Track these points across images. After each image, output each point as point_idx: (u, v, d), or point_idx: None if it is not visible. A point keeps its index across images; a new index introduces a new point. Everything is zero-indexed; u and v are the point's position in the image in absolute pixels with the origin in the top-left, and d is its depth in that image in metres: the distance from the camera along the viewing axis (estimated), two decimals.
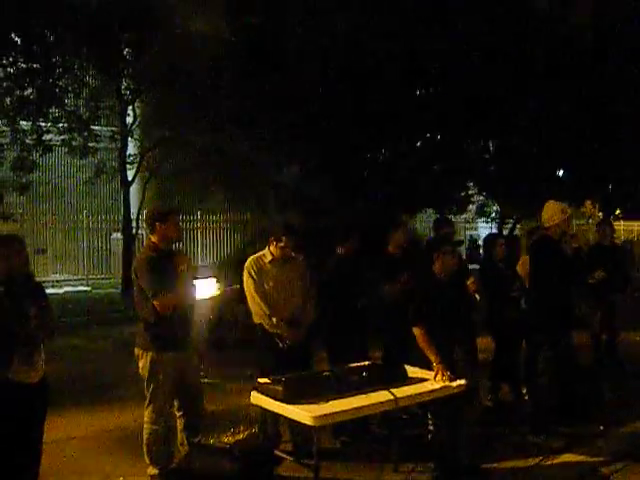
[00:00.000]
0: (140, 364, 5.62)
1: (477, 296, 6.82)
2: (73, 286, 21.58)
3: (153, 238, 5.73)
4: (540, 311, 6.94)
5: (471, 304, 6.72)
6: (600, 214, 25.99)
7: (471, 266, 8.75)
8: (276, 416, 5.41)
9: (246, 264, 6.33)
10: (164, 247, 5.70)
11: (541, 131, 19.76)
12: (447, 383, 5.39)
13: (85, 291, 20.97)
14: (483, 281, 7.71)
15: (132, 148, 19.92)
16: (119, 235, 21.29)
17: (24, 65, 15.88)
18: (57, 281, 21.94)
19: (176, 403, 5.69)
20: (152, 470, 5.55)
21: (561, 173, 24.39)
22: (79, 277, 22.73)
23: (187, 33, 17.87)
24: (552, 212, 7.00)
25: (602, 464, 6.08)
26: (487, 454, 6.10)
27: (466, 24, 17.17)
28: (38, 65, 15.80)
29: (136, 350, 5.65)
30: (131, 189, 19.84)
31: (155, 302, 5.44)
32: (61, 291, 20.38)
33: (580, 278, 7.51)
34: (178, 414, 5.70)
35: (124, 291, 19.26)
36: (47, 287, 20.03)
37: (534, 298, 7.16)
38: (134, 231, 19.97)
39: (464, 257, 8.85)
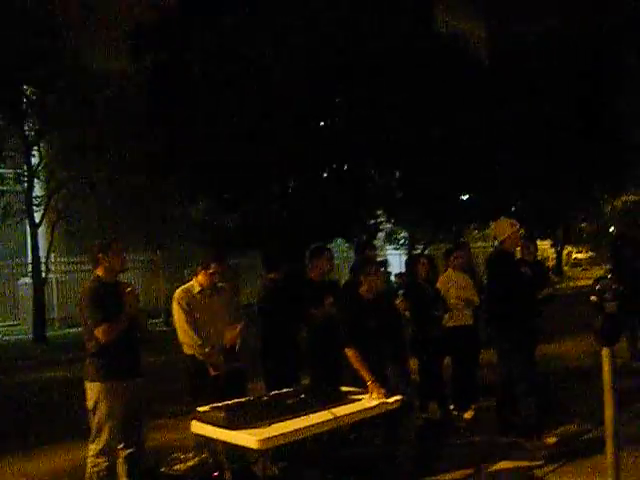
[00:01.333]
0: (87, 396, 5.56)
1: (407, 314, 6.97)
2: None
3: (97, 271, 5.72)
4: (501, 323, 7.10)
5: (401, 322, 6.86)
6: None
7: None
8: (215, 445, 5.39)
9: (175, 295, 6.33)
10: (109, 279, 5.71)
11: (445, 158, 20.34)
12: (383, 400, 5.49)
13: None
14: (407, 301, 7.90)
15: (38, 190, 19.53)
16: (28, 280, 20.77)
17: None
18: None
19: (119, 435, 5.62)
20: None
21: (466, 197, 25.08)
22: None
23: (91, 72, 17.81)
24: (502, 227, 7.27)
25: (538, 467, 6.29)
26: (426, 468, 6.20)
27: (370, 51, 17.59)
28: None
29: (85, 383, 5.59)
30: (39, 231, 19.42)
31: (96, 331, 5.43)
32: None
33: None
34: (119, 446, 5.63)
35: (35, 337, 18.79)
36: None
37: (493, 311, 7.31)
38: (44, 275, 19.51)
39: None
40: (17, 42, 15.72)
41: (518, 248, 8.03)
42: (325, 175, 20.49)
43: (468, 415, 8.25)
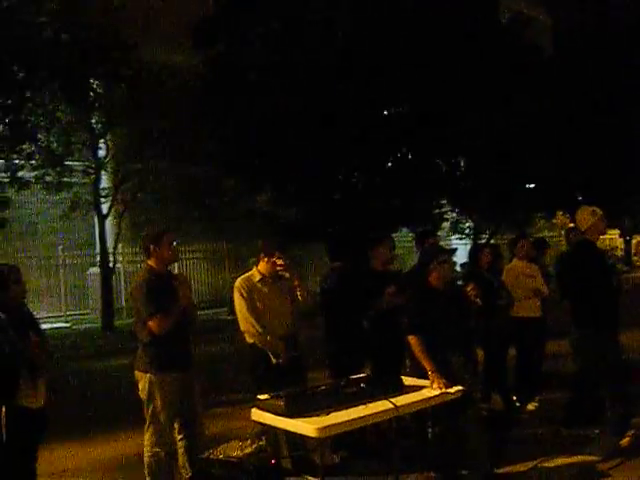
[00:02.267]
0: (139, 386, 5.62)
1: (478, 301, 6.85)
2: (52, 323, 21.38)
3: (150, 262, 5.76)
4: (584, 312, 6.90)
5: (468, 311, 6.74)
6: (572, 224, 26.27)
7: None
8: (276, 433, 5.41)
9: (236, 284, 6.34)
10: (161, 270, 5.74)
11: (510, 145, 20.04)
12: (444, 390, 5.43)
13: (64, 327, 20.79)
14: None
15: (106, 181, 19.88)
16: (96, 270, 21.17)
17: None
18: (36, 319, 21.69)
19: (176, 425, 5.68)
20: None
21: (532, 186, 24.67)
22: (58, 314, 22.56)
23: (155, 65, 18.03)
24: (582, 216, 7.04)
25: (600, 461, 6.15)
26: (490, 460, 6.12)
27: (432, 40, 17.42)
28: (9, 101, 15.75)
29: (135, 373, 5.65)
30: (107, 223, 19.79)
31: (150, 323, 5.47)
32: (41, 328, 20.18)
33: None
34: (178, 437, 5.69)
35: (104, 326, 19.16)
36: None
37: (576, 300, 7.13)
38: (111, 265, 19.86)
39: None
40: (82, 37, 15.97)
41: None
42: (389, 164, 20.38)
43: (532, 407, 8.12)
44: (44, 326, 19.59)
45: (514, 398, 8.24)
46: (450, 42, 18.04)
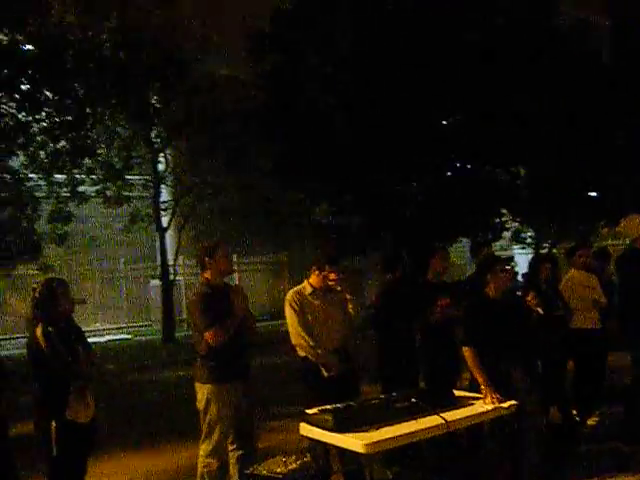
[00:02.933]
0: (197, 397, 5.66)
1: (539, 310, 6.71)
2: (114, 335, 21.73)
3: (205, 274, 5.79)
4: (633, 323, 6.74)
5: (528, 322, 6.59)
6: None
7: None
8: (326, 448, 5.36)
9: (287, 297, 6.32)
10: (217, 282, 5.76)
11: (570, 153, 19.69)
12: (497, 405, 5.30)
13: (126, 339, 21.09)
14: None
15: (166, 195, 20.13)
16: (157, 282, 21.43)
17: (57, 119, 16.18)
18: (98, 330, 22.11)
19: (231, 437, 5.68)
20: None
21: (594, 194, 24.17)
22: (120, 326, 22.93)
23: (212, 79, 18.21)
24: (632, 225, 6.91)
25: None
26: (546, 477, 5.97)
27: (492, 49, 17.24)
28: (70, 118, 16.07)
29: (195, 384, 5.70)
30: (167, 235, 20.03)
31: (206, 335, 5.50)
32: (103, 340, 20.53)
33: None
34: (231, 447, 5.69)
35: (164, 338, 19.37)
36: (89, 336, 20.31)
37: (625, 310, 6.97)
38: (172, 277, 20.08)
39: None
40: (140, 53, 16.23)
41: None
42: (448, 174, 20.21)
43: (592, 421, 7.91)
44: (107, 337, 20.11)
45: (574, 412, 8.04)
46: (509, 51, 17.83)
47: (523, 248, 28.54)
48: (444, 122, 19.87)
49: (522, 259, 30.36)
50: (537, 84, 18.12)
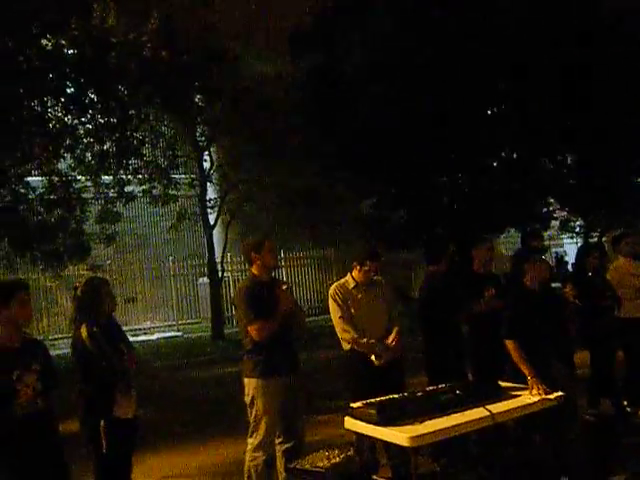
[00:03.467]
0: (245, 392, 5.71)
1: (577, 302, 6.65)
2: (164, 332, 21.97)
3: (253, 270, 5.85)
4: None
5: (564, 314, 6.53)
6: None
7: (556, 284, 8.59)
8: (372, 441, 5.35)
9: (330, 292, 6.33)
10: (264, 277, 5.81)
11: (617, 139, 19.35)
12: (544, 396, 5.25)
13: (176, 336, 21.30)
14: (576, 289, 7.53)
15: (211, 192, 20.28)
16: (206, 279, 21.60)
17: (102, 120, 16.39)
18: (148, 328, 22.38)
19: (278, 431, 5.71)
20: None
21: None
22: (169, 323, 23.17)
23: (255, 77, 18.28)
24: None
25: None
26: (597, 470, 5.89)
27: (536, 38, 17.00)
28: (115, 119, 16.27)
29: (244, 379, 5.74)
30: (214, 233, 20.16)
31: (250, 329, 5.54)
32: (153, 337, 20.78)
33: None
34: (278, 441, 5.72)
35: (214, 334, 19.51)
36: (139, 334, 20.75)
37: None
38: (220, 274, 20.22)
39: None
40: (183, 51, 16.35)
41: None
42: (494, 164, 20.04)
43: None
44: (157, 335, 20.32)
45: (625, 403, 7.92)
46: (554, 39, 17.58)
47: (572, 237, 28.21)
48: (489, 112, 19.70)
49: (571, 248, 30.09)
50: (583, 73, 17.83)
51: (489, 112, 19.69)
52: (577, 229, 26.54)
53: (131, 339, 5.50)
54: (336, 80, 17.69)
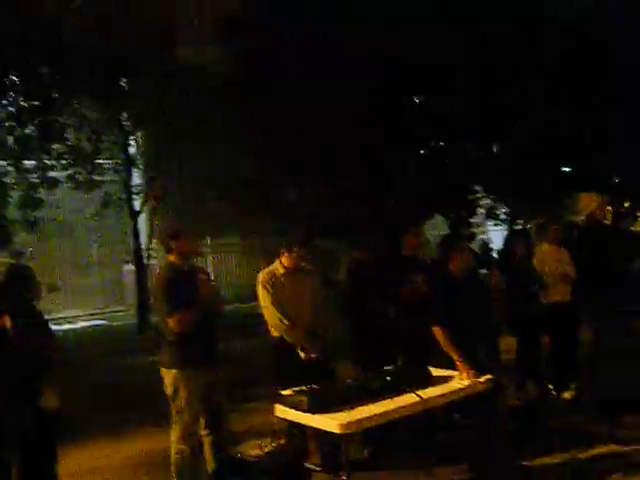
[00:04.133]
0: (165, 383, 5.59)
1: (502, 284, 6.74)
2: (88, 321, 21.57)
3: (170, 257, 5.71)
4: (589, 294, 6.81)
5: (489, 300, 6.60)
6: (609, 207, 25.83)
7: (483, 270, 8.69)
8: (302, 429, 5.31)
9: (259, 278, 6.26)
10: (182, 265, 5.67)
11: (544, 128, 19.69)
12: (473, 380, 5.29)
13: (101, 325, 20.92)
14: (502, 276, 7.63)
15: (137, 178, 19.90)
16: (131, 267, 21.25)
17: (24, 103, 15.91)
18: (72, 317, 21.93)
19: (202, 421, 5.61)
20: None
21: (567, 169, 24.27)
22: (94, 311, 22.74)
23: (185, 61, 17.98)
24: (584, 203, 7.03)
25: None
26: (523, 451, 5.97)
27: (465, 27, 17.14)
28: (38, 102, 15.81)
29: (161, 369, 5.61)
30: (140, 219, 19.81)
31: (169, 321, 5.41)
32: (77, 326, 20.37)
33: None
34: (204, 432, 5.63)
35: (139, 323, 19.22)
36: (63, 323, 20.28)
37: (583, 281, 7.04)
38: (146, 261, 19.90)
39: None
40: (111, 35, 15.96)
41: None
42: (422, 152, 20.17)
43: (568, 395, 7.93)
44: (81, 324, 19.89)
45: (550, 386, 8.06)
46: (485, 29, 17.75)
47: (497, 225, 28.68)
48: (416, 100, 19.82)
49: (496, 235, 30.60)
50: (511, 61, 18.07)
51: (416, 100, 19.81)
52: (502, 217, 27.02)
53: (54, 328, 5.33)
54: (268, 67, 17.54)
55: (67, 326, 20.15)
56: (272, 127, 17.22)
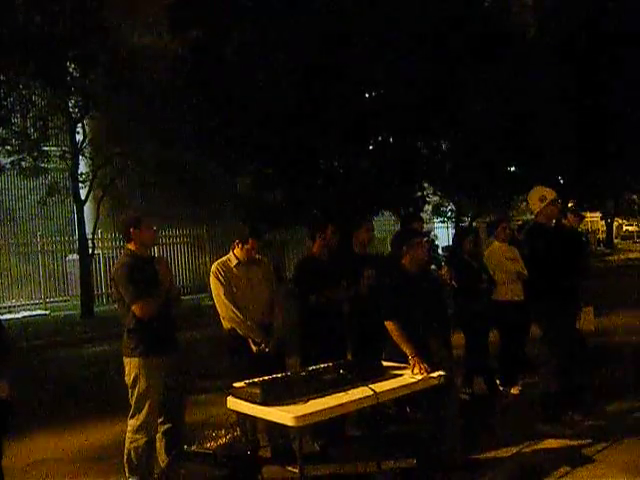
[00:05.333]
0: (126, 371, 5.53)
1: (453, 283, 6.80)
2: (31, 310, 21.19)
3: (130, 245, 5.68)
4: (539, 296, 6.89)
5: (443, 295, 6.66)
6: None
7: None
8: (253, 422, 5.28)
9: (212, 269, 6.21)
10: (141, 253, 5.66)
11: (491, 128, 19.96)
12: (425, 375, 5.32)
13: (43, 315, 20.57)
14: (452, 271, 7.68)
15: (83, 166, 19.60)
16: (75, 256, 20.95)
17: None
18: (14, 306, 21.53)
19: (159, 411, 5.55)
20: None
21: (513, 169, 24.66)
22: (36, 301, 22.37)
23: (134, 48, 17.76)
24: (532, 200, 7.06)
25: (585, 445, 6.09)
26: (471, 446, 6.04)
27: (414, 25, 17.28)
28: None
29: (124, 359, 5.55)
30: (85, 208, 19.51)
31: (133, 308, 5.39)
32: (19, 316, 20.00)
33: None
34: (159, 421, 5.58)
35: (83, 312, 18.96)
36: (4, 313, 19.88)
37: (532, 284, 7.13)
38: (90, 251, 19.63)
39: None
40: (59, 19, 15.67)
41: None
42: (370, 147, 20.26)
43: (515, 391, 8.05)
44: (23, 313, 19.54)
45: (497, 382, 8.17)
46: (433, 26, 17.89)
47: (443, 222, 29.02)
48: (367, 95, 19.89)
49: (442, 232, 30.95)
50: (460, 60, 18.27)
51: (366, 95, 19.89)
52: (448, 214, 27.32)
53: None
54: (217, 56, 17.45)
55: (8, 315, 19.76)
56: (219, 114, 17.19)
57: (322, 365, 5.43)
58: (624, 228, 50.00)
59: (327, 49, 16.69)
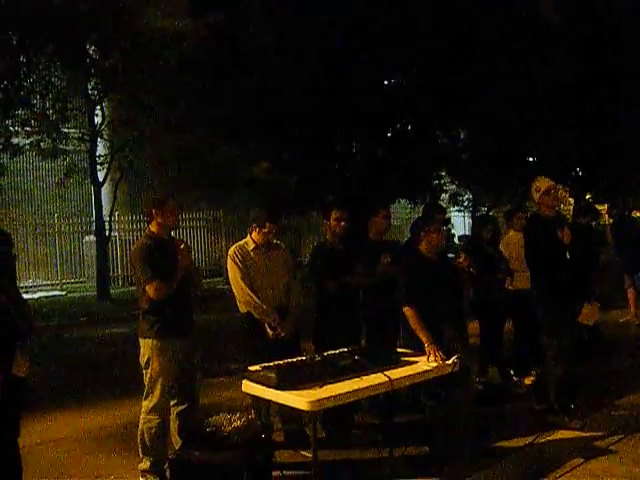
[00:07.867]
0: (140, 352, 5.55)
1: (472, 270, 6.78)
2: (47, 291, 21.32)
3: (151, 227, 5.68)
4: (538, 289, 6.87)
5: (460, 283, 6.62)
6: (571, 199, 26.17)
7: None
8: (267, 406, 5.29)
9: (229, 252, 6.21)
10: (162, 235, 5.65)
11: (509, 117, 19.84)
12: (440, 363, 5.32)
13: (60, 295, 20.70)
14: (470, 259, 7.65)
15: (102, 148, 19.63)
16: (92, 238, 21.02)
17: None
18: (31, 287, 21.65)
19: (173, 392, 5.57)
20: (144, 464, 5.41)
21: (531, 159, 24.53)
22: (53, 282, 22.50)
23: (154, 31, 17.69)
24: (531, 192, 7.03)
25: (598, 437, 6.08)
26: (484, 435, 6.04)
27: (434, 10, 17.19)
28: (2, 67, 15.45)
29: (139, 339, 5.57)
30: (103, 190, 19.55)
31: (147, 288, 5.40)
32: (35, 296, 20.10)
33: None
34: (172, 403, 5.59)
35: (99, 294, 19.04)
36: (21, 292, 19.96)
37: (531, 277, 7.11)
38: (107, 233, 19.69)
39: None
40: (79, 0, 15.64)
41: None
42: (389, 135, 20.20)
43: (528, 381, 8.03)
44: (40, 294, 19.65)
45: (511, 372, 8.16)
46: (452, 12, 17.79)
47: (460, 211, 28.91)
48: (386, 82, 19.82)
49: (459, 221, 30.87)
50: (479, 47, 18.17)
51: (386, 82, 19.81)
52: (465, 203, 27.22)
53: None
54: (235, 40, 17.40)
55: (25, 296, 19.79)
56: (237, 99, 17.15)
57: (337, 351, 5.43)
58: None
59: (347, 33, 16.63)
